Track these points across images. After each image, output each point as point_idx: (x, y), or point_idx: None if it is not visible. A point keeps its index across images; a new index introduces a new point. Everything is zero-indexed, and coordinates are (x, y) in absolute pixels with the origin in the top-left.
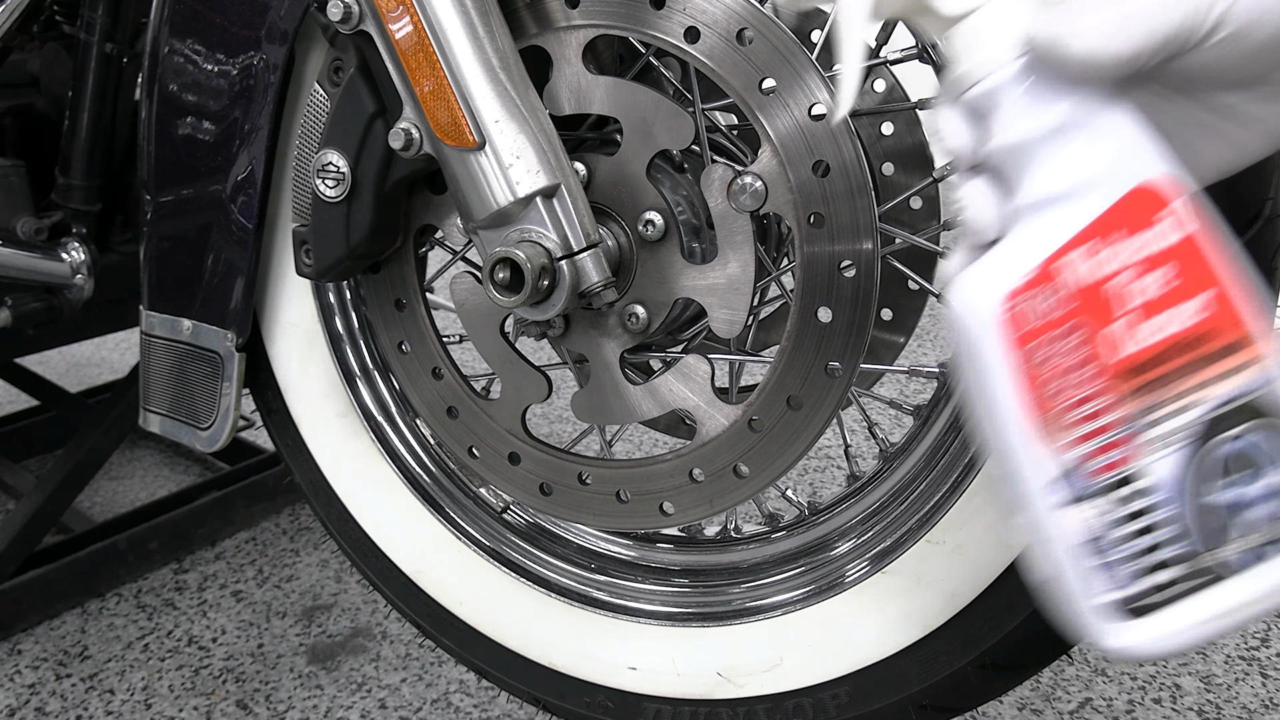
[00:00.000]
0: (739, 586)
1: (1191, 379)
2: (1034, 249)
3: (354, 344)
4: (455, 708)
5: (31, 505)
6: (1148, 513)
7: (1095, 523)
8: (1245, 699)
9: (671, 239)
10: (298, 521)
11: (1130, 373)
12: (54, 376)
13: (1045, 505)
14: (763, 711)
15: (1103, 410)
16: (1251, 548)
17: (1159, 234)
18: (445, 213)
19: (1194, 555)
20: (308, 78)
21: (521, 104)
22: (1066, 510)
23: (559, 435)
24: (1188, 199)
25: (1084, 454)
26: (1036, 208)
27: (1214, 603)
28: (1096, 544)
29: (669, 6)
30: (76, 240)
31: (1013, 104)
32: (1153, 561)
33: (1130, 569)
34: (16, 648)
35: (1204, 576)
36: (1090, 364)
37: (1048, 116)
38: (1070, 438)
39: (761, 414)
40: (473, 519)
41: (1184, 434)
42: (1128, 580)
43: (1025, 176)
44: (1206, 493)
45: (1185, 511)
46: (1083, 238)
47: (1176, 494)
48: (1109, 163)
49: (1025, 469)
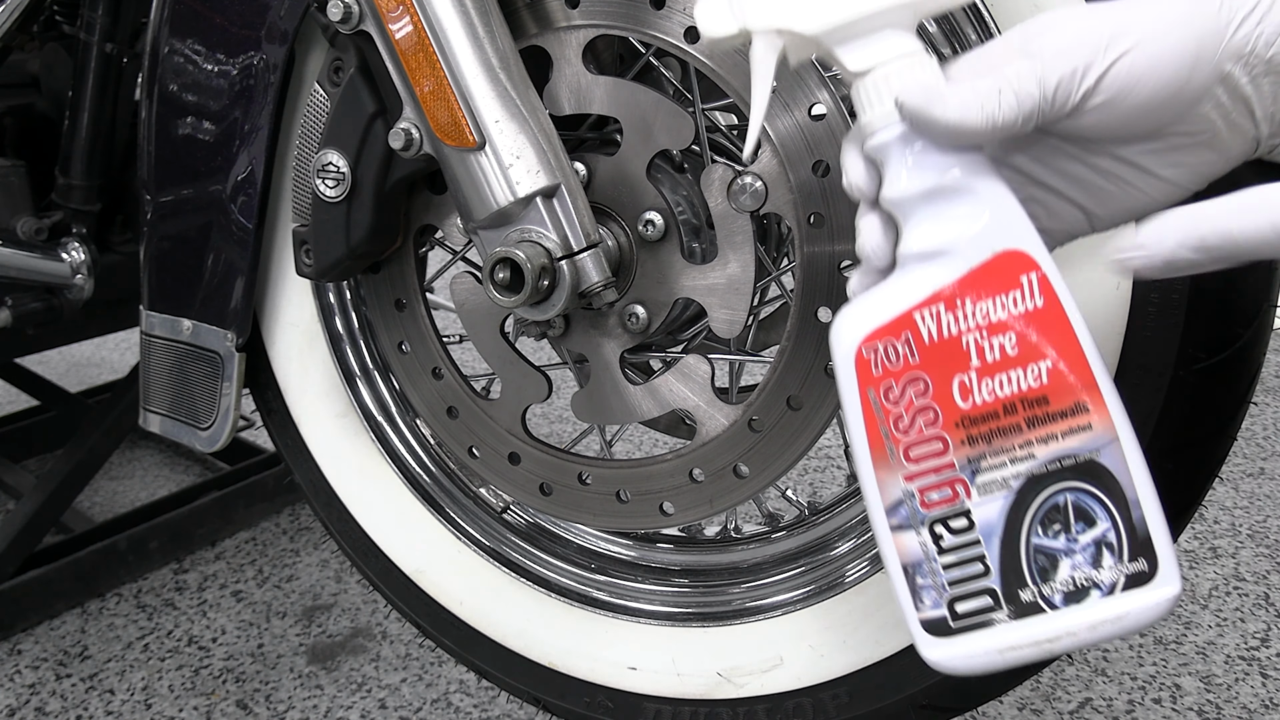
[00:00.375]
0: (739, 586)
1: (1022, 436)
2: (898, 299)
3: (354, 344)
4: (455, 708)
5: (31, 505)
6: (961, 548)
7: (919, 549)
8: (1245, 699)
9: (671, 239)
10: (298, 521)
11: (968, 423)
12: (54, 376)
13: (884, 525)
14: (763, 711)
15: (940, 453)
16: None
17: (1012, 301)
18: (445, 213)
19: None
20: (308, 78)
21: (521, 104)
22: (900, 533)
23: (559, 435)
24: (1043, 271)
25: (920, 487)
26: (909, 260)
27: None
28: (919, 567)
29: (669, 6)
30: (76, 240)
31: (899, 162)
32: (958, 592)
33: (940, 595)
34: (16, 648)
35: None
36: (934, 410)
37: (926, 179)
38: (912, 470)
39: (761, 414)
40: (473, 519)
41: (1007, 485)
42: (937, 604)
43: (905, 229)
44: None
45: (993, 552)
46: (941, 296)
47: (989, 535)
48: (976, 230)
49: (870, 491)
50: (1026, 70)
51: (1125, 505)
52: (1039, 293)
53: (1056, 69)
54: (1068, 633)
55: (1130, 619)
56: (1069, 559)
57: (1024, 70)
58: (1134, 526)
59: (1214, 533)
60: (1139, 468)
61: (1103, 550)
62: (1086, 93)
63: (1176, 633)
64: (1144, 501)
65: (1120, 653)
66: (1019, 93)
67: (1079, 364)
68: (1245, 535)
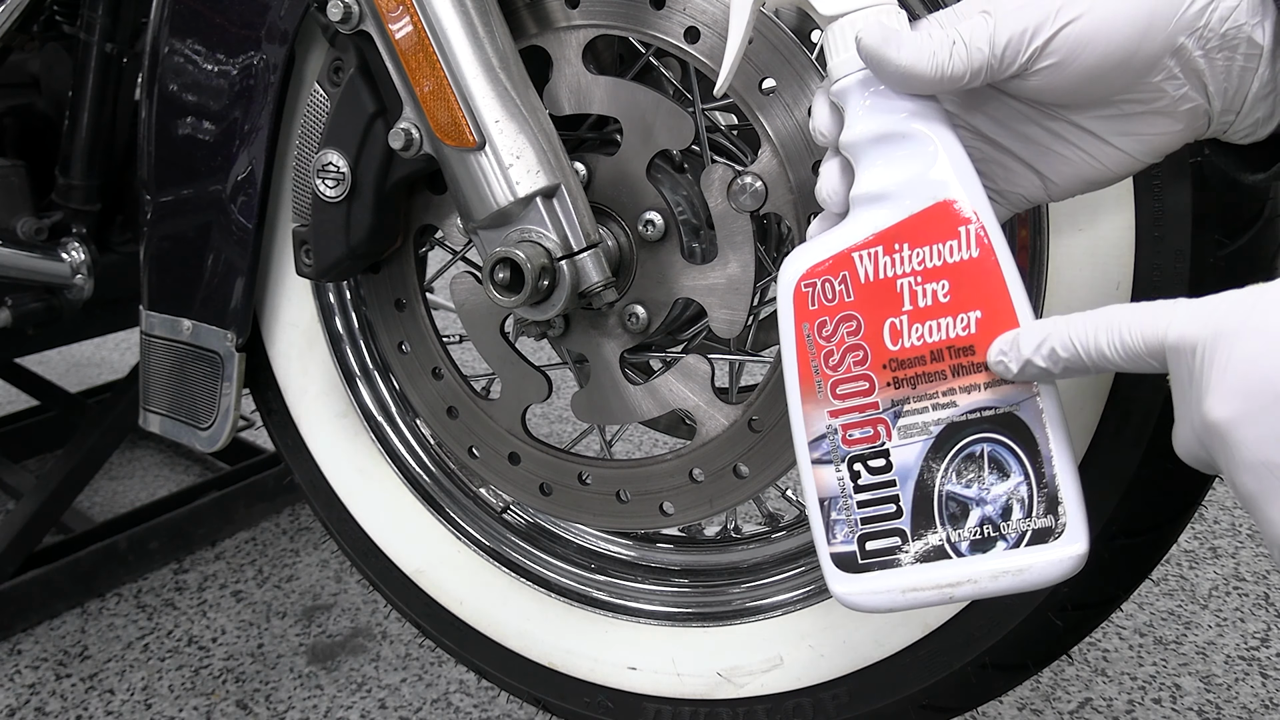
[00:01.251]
0: (739, 586)
1: (946, 384)
2: (840, 239)
3: (354, 344)
4: (455, 708)
5: (31, 505)
6: (877, 488)
7: (837, 484)
8: (1245, 699)
9: (671, 239)
10: (298, 521)
11: (895, 365)
12: (54, 376)
13: (806, 458)
14: (763, 711)
15: (865, 391)
16: (962, 541)
17: (949, 249)
18: (445, 213)
19: (900, 533)
20: (308, 78)
21: (521, 104)
22: (820, 467)
23: (559, 435)
24: (981, 222)
25: (844, 424)
26: (857, 202)
27: (916, 576)
28: (834, 502)
29: (669, 6)
30: (76, 240)
31: (858, 106)
32: (870, 530)
33: (852, 531)
34: (16, 648)
35: (906, 553)
36: (864, 349)
37: (879, 123)
38: (837, 407)
39: (761, 414)
40: (473, 519)
41: (927, 430)
42: (848, 539)
43: (858, 173)
44: (934, 484)
45: (907, 494)
46: (881, 238)
47: (904, 477)
48: (920, 176)
49: (796, 422)
50: (980, 26)
51: (1039, 461)
52: (974, 244)
53: (1008, 28)
54: (969, 579)
55: (1032, 573)
56: (979, 508)
57: (978, 26)
58: (1045, 483)
59: (1214, 533)
60: (1056, 425)
61: (1013, 503)
62: (1034, 53)
63: (1176, 633)
64: (1057, 459)
65: (1120, 653)
66: (970, 47)
67: (1008, 316)
68: (1245, 535)
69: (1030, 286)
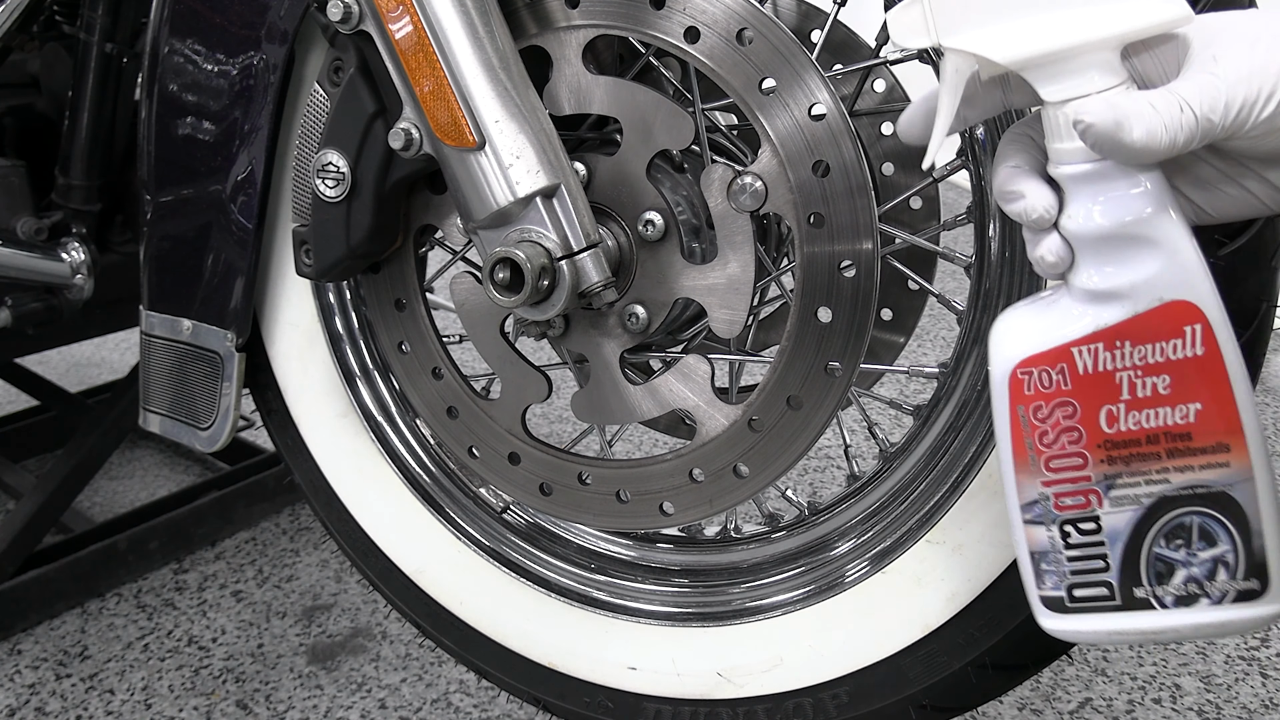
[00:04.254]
0: (739, 586)
1: (1160, 464)
2: (1059, 330)
3: (354, 344)
4: (455, 708)
5: (31, 505)
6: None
7: (1047, 541)
8: (1245, 699)
9: (671, 239)
10: (298, 521)
11: (1110, 446)
12: (54, 376)
13: (1018, 517)
14: (763, 711)
15: (1079, 467)
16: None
17: (1172, 348)
18: (445, 213)
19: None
20: (308, 78)
21: (521, 104)
22: (1032, 526)
23: (559, 435)
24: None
25: (1056, 492)
26: (1077, 292)
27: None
28: (1044, 555)
29: (669, 6)
30: (76, 240)
31: (1088, 202)
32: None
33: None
34: (16, 648)
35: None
36: (1079, 431)
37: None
38: (1050, 478)
39: (761, 414)
40: (473, 519)
41: (1139, 501)
42: (1057, 586)
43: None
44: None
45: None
46: (1103, 336)
47: (1113, 539)
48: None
49: (1009, 488)
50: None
51: (1248, 533)
52: (1201, 342)
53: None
54: (1172, 629)
55: (1232, 626)
56: (1185, 569)
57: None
58: (1253, 551)
59: None
60: (1268, 503)
61: (1219, 566)
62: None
63: None
64: (1268, 533)
65: (1120, 653)
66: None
67: (1228, 410)
68: None
69: None
